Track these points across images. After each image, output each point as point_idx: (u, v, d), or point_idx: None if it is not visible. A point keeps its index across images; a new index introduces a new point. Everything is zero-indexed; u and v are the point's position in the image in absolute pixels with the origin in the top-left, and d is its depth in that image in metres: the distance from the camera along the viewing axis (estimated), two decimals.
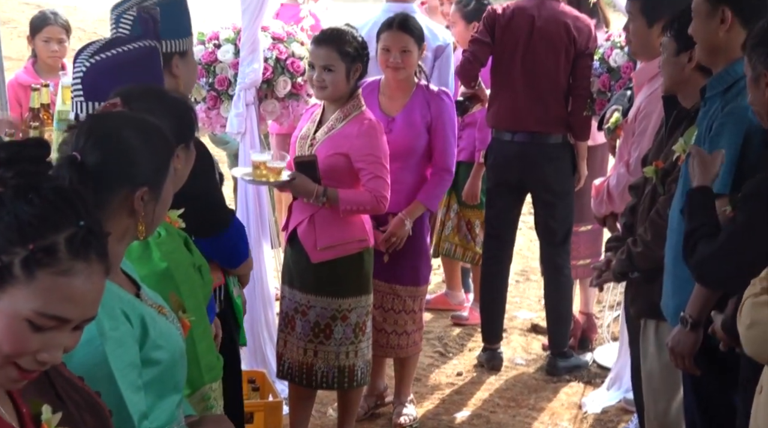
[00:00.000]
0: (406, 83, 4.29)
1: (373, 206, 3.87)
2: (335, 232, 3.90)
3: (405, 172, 4.26)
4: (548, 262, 4.98)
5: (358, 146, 3.84)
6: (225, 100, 4.57)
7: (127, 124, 2.02)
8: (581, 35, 4.75)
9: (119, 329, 1.90)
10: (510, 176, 4.87)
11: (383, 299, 4.28)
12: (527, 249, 6.59)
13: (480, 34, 4.81)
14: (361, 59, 3.88)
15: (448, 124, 4.28)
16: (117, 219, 1.95)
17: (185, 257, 2.50)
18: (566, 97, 4.82)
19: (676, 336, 2.91)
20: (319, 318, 3.94)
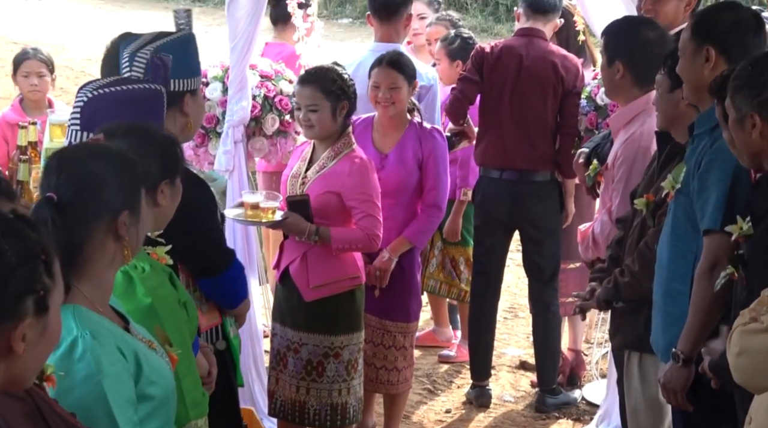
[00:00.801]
0: (399, 120, 4.31)
1: (365, 244, 3.88)
2: (328, 270, 3.90)
3: (397, 208, 4.27)
4: (536, 299, 4.98)
5: (350, 185, 3.85)
6: (213, 137, 4.59)
7: (91, 155, 2.05)
8: (569, 74, 4.78)
9: (116, 365, 1.91)
10: (498, 213, 4.88)
11: (373, 334, 4.27)
12: (515, 286, 6.58)
13: (469, 73, 4.84)
14: (347, 97, 3.89)
15: (440, 161, 4.29)
16: (104, 247, 1.99)
17: (170, 293, 2.51)
18: (554, 136, 4.83)
19: (669, 373, 2.90)
20: (311, 356, 3.93)
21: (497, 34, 14.66)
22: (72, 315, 1.92)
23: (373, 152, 4.27)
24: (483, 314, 4.99)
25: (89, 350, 1.87)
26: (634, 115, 3.69)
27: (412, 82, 4.28)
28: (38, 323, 1.45)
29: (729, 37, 2.92)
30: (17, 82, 5.07)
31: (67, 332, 1.89)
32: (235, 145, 4.49)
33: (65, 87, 11.79)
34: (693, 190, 2.91)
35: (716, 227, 2.79)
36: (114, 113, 2.59)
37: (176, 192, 2.46)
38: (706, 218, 2.83)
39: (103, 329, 1.94)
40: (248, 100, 4.49)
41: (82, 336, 1.88)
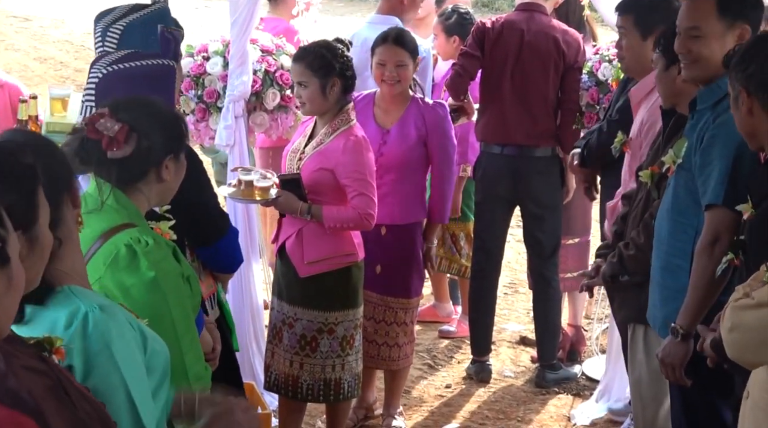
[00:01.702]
0: (401, 96, 4.30)
1: (358, 223, 3.88)
2: (322, 247, 3.91)
3: (400, 183, 4.28)
4: (537, 275, 4.98)
5: (343, 163, 3.85)
6: (214, 112, 4.58)
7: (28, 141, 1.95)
8: (570, 49, 4.77)
9: (126, 335, 1.90)
10: (499, 189, 4.87)
11: (375, 310, 4.28)
12: (516, 262, 6.57)
13: (470, 48, 4.82)
14: (338, 73, 3.87)
15: (446, 135, 4.30)
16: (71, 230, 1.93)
17: (173, 267, 2.48)
18: (555, 111, 4.83)
19: (667, 347, 2.91)
20: (305, 331, 3.95)
21: (498, 9, 14.64)
22: (72, 294, 1.91)
23: (375, 127, 4.27)
24: (483, 290, 5.00)
25: (101, 323, 1.86)
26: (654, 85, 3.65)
27: (416, 59, 4.28)
28: (3, 274, 1.44)
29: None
30: None
31: (75, 309, 1.87)
32: (235, 120, 4.48)
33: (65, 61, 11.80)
34: (695, 165, 2.90)
35: (718, 202, 2.79)
36: (127, 89, 2.59)
37: (180, 167, 2.44)
38: (709, 192, 2.82)
39: (107, 302, 1.94)
40: (249, 74, 4.48)
41: (92, 310, 1.87)
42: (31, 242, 1.58)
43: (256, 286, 4.63)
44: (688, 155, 2.94)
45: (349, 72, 3.90)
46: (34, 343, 1.63)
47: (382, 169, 4.19)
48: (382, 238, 4.26)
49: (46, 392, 1.51)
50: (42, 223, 1.61)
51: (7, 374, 1.47)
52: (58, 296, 1.88)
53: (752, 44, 2.61)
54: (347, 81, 3.90)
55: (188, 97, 4.58)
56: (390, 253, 4.27)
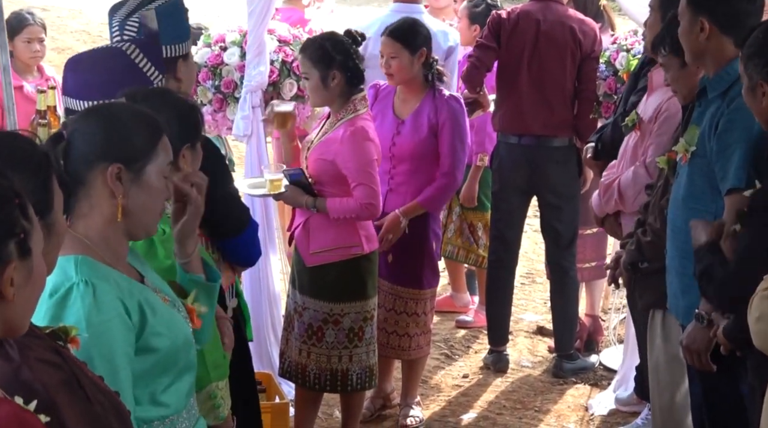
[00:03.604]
0: (417, 87, 4.30)
1: (360, 214, 3.88)
2: (326, 237, 3.92)
3: (412, 174, 4.28)
4: (554, 264, 4.98)
5: (342, 152, 3.86)
6: (231, 102, 4.59)
7: (122, 107, 2.10)
8: (587, 39, 4.76)
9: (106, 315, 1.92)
10: (516, 179, 4.87)
11: (385, 298, 4.29)
12: (533, 252, 6.57)
13: (485, 39, 4.81)
14: (339, 65, 3.86)
15: (456, 129, 4.27)
16: (101, 202, 1.99)
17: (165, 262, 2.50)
18: (572, 101, 4.82)
19: (692, 333, 2.89)
20: (312, 320, 3.97)
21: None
22: (75, 264, 1.95)
23: (392, 117, 4.29)
24: (500, 280, 5.00)
25: (80, 298, 1.90)
26: None
27: (418, 52, 4.21)
28: (23, 266, 1.46)
29: (718, 6, 2.94)
30: (14, 47, 4.88)
31: (66, 279, 1.93)
32: (252, 110, 4.50)
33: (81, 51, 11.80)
34: (710, 151, 2.90)
35: (741, 185, 2.79)
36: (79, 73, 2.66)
37: (197, 156, 2.46)
38: (730, 177, 2.82)
39: (105, 279, 1.95)
40: (266, 65, 4.48)
41: (77, 285, 1.91)
42: (48, 228, 1.60)
43: (273, 276, 4.66)
44: (701, 142, 2.95)
45: (352, 63, 3.89)
46: (49, 333, 1.65)
47: (396, 159, 4.21)
48: None
49: (61, 385, 1.52)
50: (57, 210, 1.64)
51: (21, 366, 1.48)
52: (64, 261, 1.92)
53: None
54: (350, 73, 3.89)
55: (205, 87, 4.60)
56: (402, 243, 4.26)
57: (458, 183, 4.41)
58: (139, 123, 2.02)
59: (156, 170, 2.01)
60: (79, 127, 2.00)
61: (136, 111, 2.06)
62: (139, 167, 1.99)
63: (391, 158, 4.19)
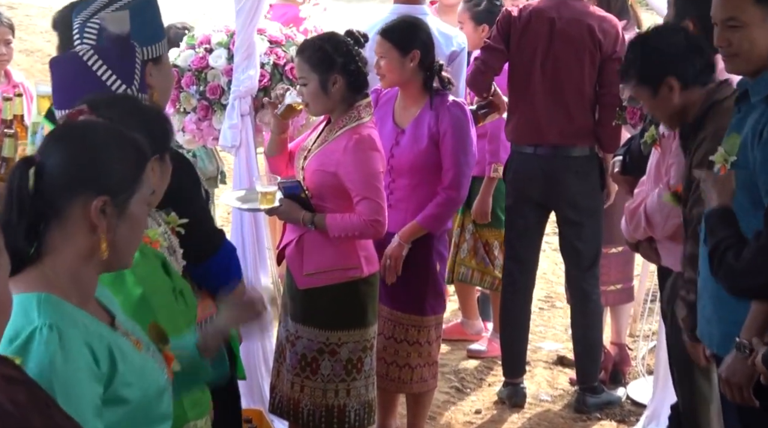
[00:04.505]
0: (417, 92, 4.30)
1: (364, 231, 3.86)
2: (322, 257, 3.89)
3: (412, 189, 4.26)
4: (575, 287, 4.95)
5: (345, 163, 3.84)
6: (217, 110, 4.58)
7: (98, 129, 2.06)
8: (607, 38, 4.75)
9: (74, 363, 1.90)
10: (532, 192, 4.86)
11: (383, 325, 4.26)
12: (552, 273, 6.57)
13: (493, 41, 4.81)
14: (340, 69, 3.87)
15: (458, 138, 4.25)
16: (75, 235, 1.96)
17: (163, 282, 2.50)
18: (593, 106, 4.82)
19: (732, 365, 2.87)
20: (305, 350, 3.94)
21: None
22: (37, 304, 1.92)
23: (392, 126, 4.29)
24: (516, 304, 4.98)
25: (44, 344, 1.88)
26: None
27: (409, 53, 4.21)
28: None
29: None
30: None
31: (28, 322, 1.90)
32: (241, 118, 4.49)
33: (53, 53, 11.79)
34: (754, 161, 2.90)
35: None
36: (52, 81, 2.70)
37: (166, 169, 2.46)
38: None
39: (71, 322, 1.93)
40: (256, 68, 4.48)
41: (40, 330, 1.89)
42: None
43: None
44: (743, 151, 2.92)
45: (354, 67, 3.90)
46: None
47: (395, 172, 4.20)
48: None
49: (29, 403, 1.52)
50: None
51: None
52: (25, 300, 1.90)
53: None
54: (352, 77, 3.89)
55: (189, 93, 4.60)
56: (404, 265, 4.23)
57: (462, 198, 4.39)
58: (126, 148, 2.01)
59: (140, 200, 2.01)
60: (55, 150, 1.97)
61: (121, 134, 2.04)
62: (124, 199, 1.98)
63: (390, 170, 4.19)
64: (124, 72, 2.75)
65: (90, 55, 2.71)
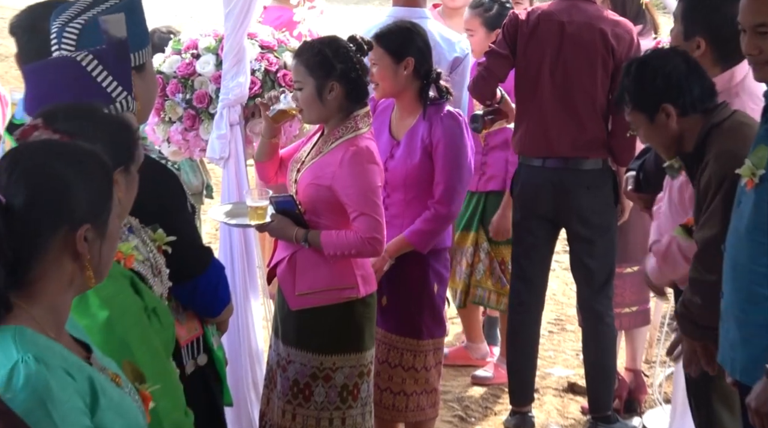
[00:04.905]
0: (411, 102, 4.28)
1: (361, 249, 3.83)
2: (316, 276, 3.87)
3: (407, 204, 4.25)
4: (587, 309, 4.93)
5: (340, 177, 3.82)
6: (205, 119, 4.54)
7: (54, 153, 2.03)
8: (621, 43, 4.74)
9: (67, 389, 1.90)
10: (540, 207, 4.84)
11: (378, 348, 4.21)
12: (562, 294, 6.54)
13: (498, 46, 4.81)
14: (339, 76, 3.84)
15: (451, 150, 4.22)
16: (59, 265, 1.96)
17: (132, 301, 2.47)
18: (605, 116, 4.81)
19: (762, 394, 2.85)
20: (298, 376, 3.90)
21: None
22: (12, 338, 1.91)
23: (387, 138, 4.28)
24: (523, 327, 4.95)
25: (33, 375, 1.87)
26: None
27: (403, 60, 4.20)
28: None
29: None
30: None
31: (6, 358, 1.88)
32: (230, 128, 4.47)
33: None
34: None
35: None
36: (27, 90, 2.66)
37: (132, 181, 2.44)
38: None
39: (50, 352, 1.93)
40: (246, 75, 4.46)
41: (24, 361, 1.87)
42: None
43: (254, 324, 4.59)
44: None
45: (354, 75, 3.87)
46: None
47: (389, 186, 4.19)
48: (390, 267, 4.22)
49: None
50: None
51: None
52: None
53: None
54: (351, 86, 3.86)
55: (175, 101, 4.55)
56: (398, 284, 4.23)
57: (453, 214, 4.34)
58: (91, 168, 2.01)
59: (114, 216, 2.03)
60: (18, 189, 1.94)
61: (82, 153, 2.03)
62: (104, 220, 2.00)
63: (384, 185, 4.14)
64: (122, 77, 2.74)
65: (89, 60, 2.70)
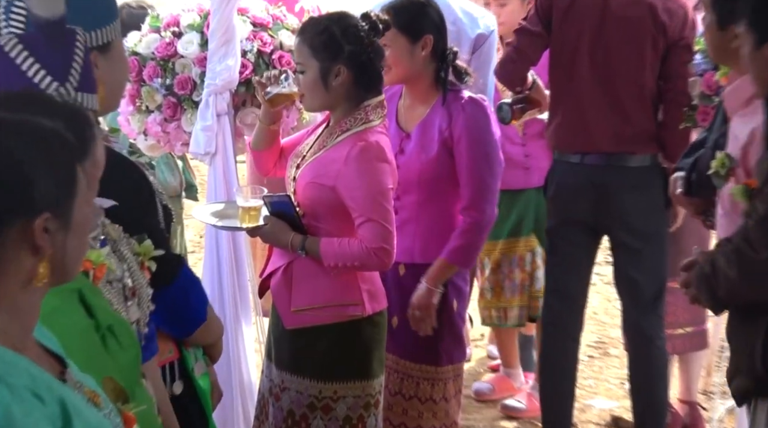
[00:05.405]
0: (426, 88, 4.15)
1: (366, 261, 3.67)
2: (316, 290, 3.75)
3: (421, 207, 4.13)
4: (634, 330, 4.78)
5: (345, 176, 3.66)
6: (188, 108, 4.48)
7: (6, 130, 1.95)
8: (673, 20, 4.61)
9: (33, 415, 1.82)
10: (579, 211, 4.73)
11: (390, 378, 4.10)
12: (604, 313, 6.52)
13: (529, 22, 4.71)
14: (347, 58, 3.70)
15: (477, 143, 4.07)
16: (17, 260, 1.91)
17: (77, 320, 2.37)
18: (655, 105, 4.69)
19: None
20: (293, 406, 3.78)
21: None
22: None
23: (395, 130, 4.16)
24: (559, 350, 4.86)
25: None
26: None
27: (420, 39, 4.07)
28: None
29: None
30: None
31: None
32: (218, 119, 4.41)
33: None
34: None
35: None
36: None
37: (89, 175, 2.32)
38: None
39: (14, 369, 1.87)
40: (236, 57, 4.39)
41: None
42: None
43: (245, 346, 4.54)
44: None
45: (365, 58, 3.72)
46: None
47: (400, 187, 4.03)
48: (401, 280, 4.09)
49: None
50: None
51: None
52: None
53: None
54: (361, 71, 3.72)
55: (153, 87, 4.46)
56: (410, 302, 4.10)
57: (491, 217, 4.18)
58: (50, 145, 1.95)
59: (81, 202, 1.98)
60: None
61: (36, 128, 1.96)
62: (67, 207, 1.95)
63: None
64: (55, 66, 2.64)
65: (13, 44, 2.60)
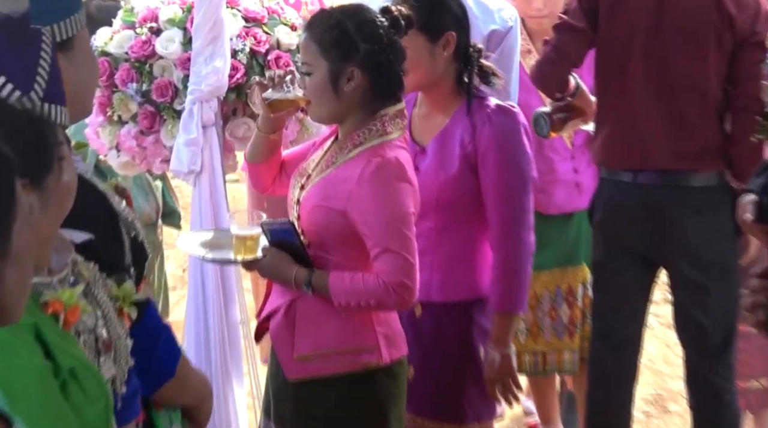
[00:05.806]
0: (445, 94, 3.95)
1: (383, 299, 3.49)
2: (324, 334, 3.61)
3: (440, 235, 3.94)
4: (700, 382, 4.59)
5: (358, 200, 3.47)
6: (168, 119, 4.39)
7: None
8: (743, 13, 4.42)
9: None
10: (630, 239, 4.54)
11: None
12: (663, 361, 6.40)
13: (571, 17, 4.54)
14: (362, 59, 3.52)
15: (507, 159, 3.87)
16: None
17: (30, 362, 2.27)
18: (721, 114, 4.49)
19: None
20: None
21: None
22: None
23: (409, 144, 3.98)
24: (608, 405, 4.66)
25: None
26: None
27: (441, 38, 3.88)
28: None
29: None
30: None
31: None
32: (203, 131, 4.32)
33: None
34: None
35: None
36: None
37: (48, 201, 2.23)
38: None
39: None
40: (225, 57, 4.30)
41: None
42: None
43: (236, 401, 4.45)
44: None
45: (383, 59, 3.51)
46: None
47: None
48: (417, 323, 3.89)
49: None
50: None
51: None
52: None
53: None
54: (378, 74, 3.52)
55: (127, 94, 4.37)
56: (430, 348, 3.95)
57: (529, 243, 3.96)
58: None
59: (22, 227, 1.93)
60: None
61: None
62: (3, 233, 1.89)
63: None
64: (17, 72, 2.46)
65: None
